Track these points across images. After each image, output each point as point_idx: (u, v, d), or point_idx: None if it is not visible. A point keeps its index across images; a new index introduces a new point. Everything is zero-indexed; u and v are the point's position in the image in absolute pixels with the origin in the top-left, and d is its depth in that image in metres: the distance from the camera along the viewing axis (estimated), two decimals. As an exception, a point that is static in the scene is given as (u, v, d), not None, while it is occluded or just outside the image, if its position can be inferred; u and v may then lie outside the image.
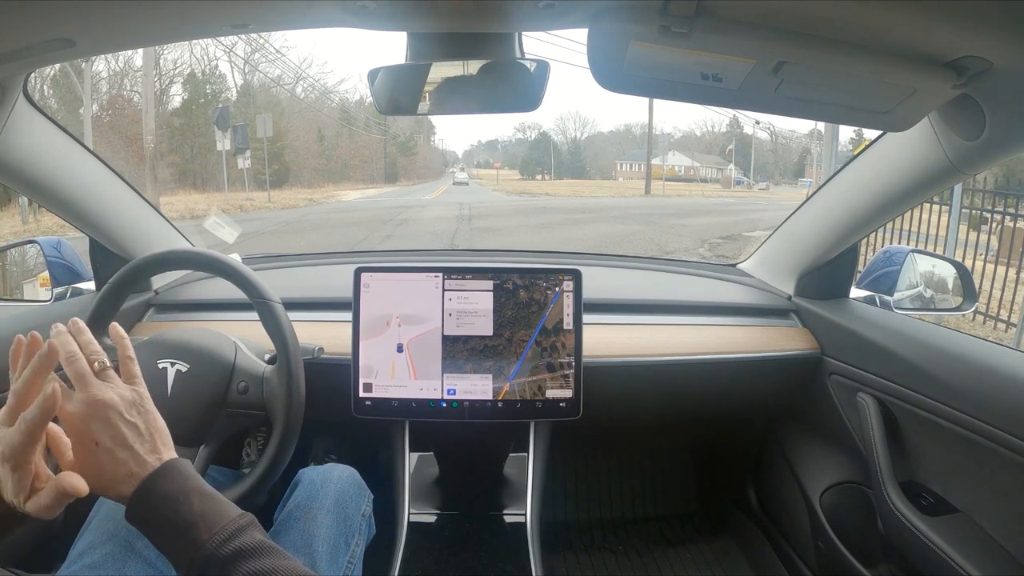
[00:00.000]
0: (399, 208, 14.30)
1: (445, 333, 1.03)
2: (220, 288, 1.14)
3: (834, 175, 1.11)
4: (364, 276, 1.03)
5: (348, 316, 1.03)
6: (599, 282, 1.27)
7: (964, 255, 4.51)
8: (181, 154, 22.01)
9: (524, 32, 0.73)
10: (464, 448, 1.15)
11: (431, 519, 1.06)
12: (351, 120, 31.70)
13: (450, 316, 1.03)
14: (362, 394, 1.03)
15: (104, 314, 0.90)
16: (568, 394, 1.03)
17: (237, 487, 0.84)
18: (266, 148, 17.76)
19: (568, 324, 1.03)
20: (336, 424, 1.39)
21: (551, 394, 1.02)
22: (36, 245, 1.17)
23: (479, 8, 0.63)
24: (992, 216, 5.08)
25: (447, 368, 1.02)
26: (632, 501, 1.65)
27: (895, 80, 0.63)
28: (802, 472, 1.27)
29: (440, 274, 1.04)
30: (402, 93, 0.79)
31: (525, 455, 1.09)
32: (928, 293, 1.21)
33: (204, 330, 0.94)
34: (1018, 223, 4.62)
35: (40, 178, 0.95)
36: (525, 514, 1.04)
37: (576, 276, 1.03)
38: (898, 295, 1.15)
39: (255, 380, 0.88)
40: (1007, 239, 4.79)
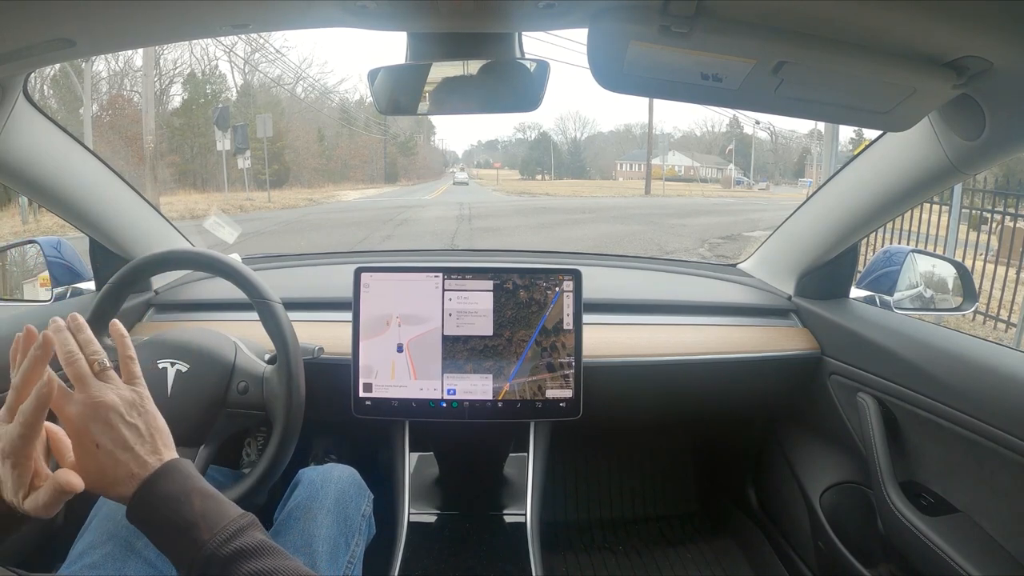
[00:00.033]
0: (399, 208, 14.30)
1: (445, 333, 1.03)
2: (220, 288, 1.14)
3: (834, 175, 1.11)
4: (364, 276, 1.03)
5: (348, 316, 1.03)
6: (599, 282, 1.27)
7: (964, 255, 4.51)
8: (181, 154, 22.01)
9: (524, 32, 0.74)
10: (464, 448, 1.15)
11: (431, 519, 1.06)
12: (351, 120, 31.72)
13: (450, 316, 1.03)
14: (362, 394, 1.03)
15: (104, 314, 0.90)
16: (568, 394, 1.03)
17: (237, 487, 0.84)
18: (266, 148, 17.77)
19: (568, 324, 1.03)
20: (336, 424, 1.39)
21: (551, 394, 1.02)
22: (36, 245, 1.17)
23: (479, 8, 0.63)
24: (992, 216, 5.08)
25: (447, 368, 1.03)
26: (632, 501, 1.65)
27: (895, 80, 0.63)
28: (802, 472, 1.27)
29: (440, 274, 1.04)
30: (402, 93, 0.79)
31: (525, 455, 1.08)
32: (928, 293, 1.21)
33: (204, 330, 0.94)
34: (1018, 223, 4.62)
35: (40, 178, 0.95)
36: (525, 514, 1.04)
37: (576, 276, 1.03)
38: (898, 295, 1.15)
39: (255, 380, 0.88)
40: (1007, 239, 4.79)
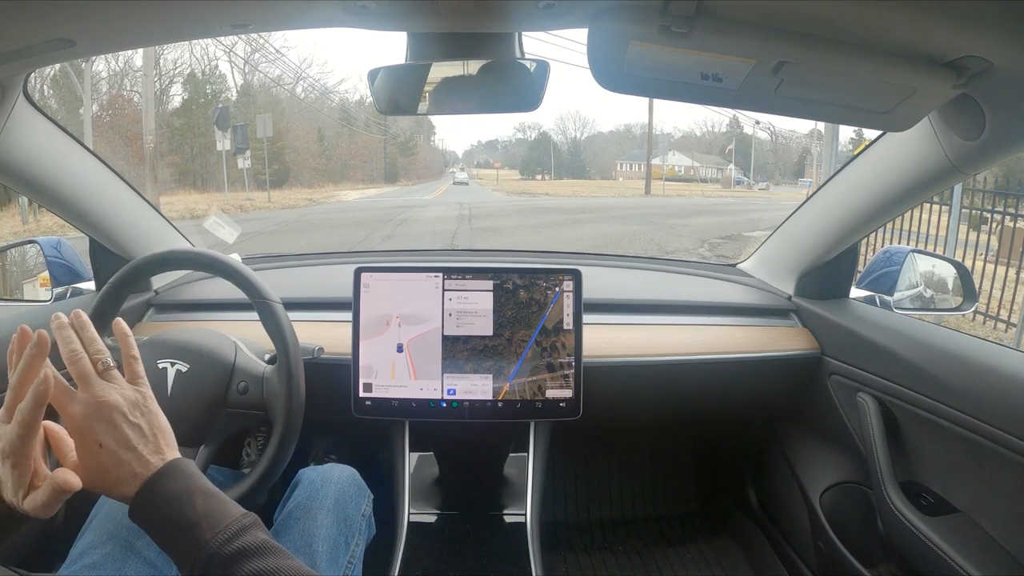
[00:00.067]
0: (399, 208, 14.30)
1: (445, 333, 1.03)
2: (220, 288, 1.14)
3: (834, 175, 1.11)
4: (364, 276, 1.03)
5: (348, 316, 1.03)
6: (599, 282, 1.27)
7: (964, 255, 4.51)
8: (181, 154, 22.01)
9: (524, 32, 0.74)
10: (464, 448, 1.15)
11: (431, 519, 1.06)
12: (351, 120, 31.71)
13: (450, 316, 1.03)
14: (362, 394, 1.03)
15: (104, 314, 0.90)
16: (568, 394, 1.03)
17: (237, 487, 0.84)
18: (266, 148, 17.76)
19: (568, 324, 1.03)
20: (336, 424, 1.39)
21: (551, 394, 1.02)
22: (36, 245, 1.17)
23: (479, 8, 0.63)
24: (992, 216, 5.08)
25: (447, 368, 1.03)
26: (632, 501, 1.65)
27: (895, 80, 0.63)
28: (802, 472, 1.27)
29: (440, 274, 1.04)
30: (402, 93, 0.79)
31: (525, 455, 1.08)
32: (928, 293, 1.21)
33: (204, 330, 0.94)
34: (1018, 223, 4.62)
35: (40, 178, 0.95)
36: (525, 514, 1.04)
37: (576, 276, 1.03)
38: (898, 295, 1.15)
39: (255, 380, 0.88)
40: (1007, 239, 4.79)
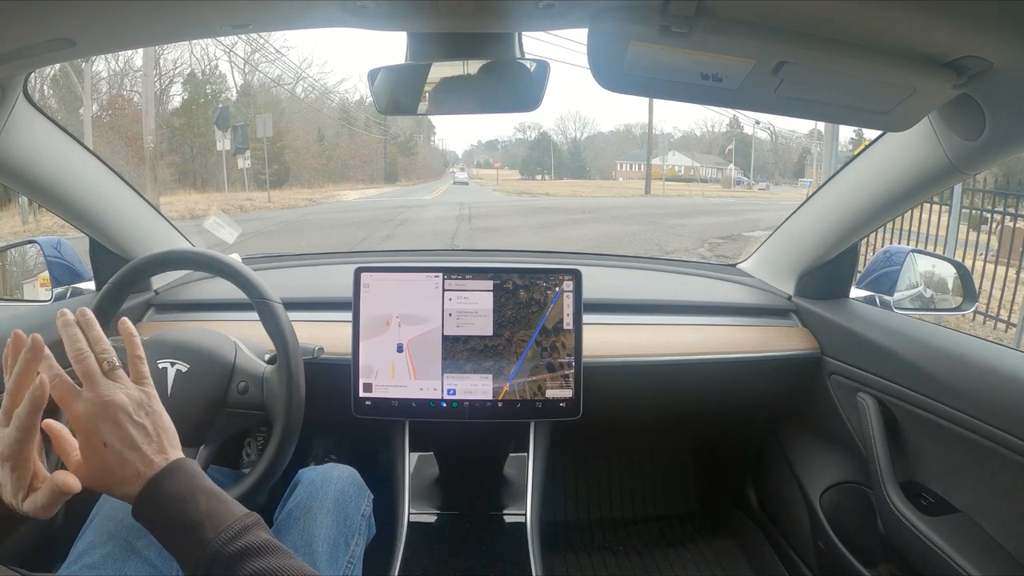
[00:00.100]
0: (399, 208, 14.30)
1: (445, 333, 1.03)
2: (220, 288, 1.14)
3: (834, 175, 1.11)
4: (364, 276, 1.03)
5: (348, 316, 1.03)
6: (599, 282, 1.27)
7: (964, 255, 4.51)
8: (181, 154, 22.01)
9: (524, 32, 0.74)
10: (464, 448, 1.15)
11: (431, 519, 1.06)
12: (351, 120, 31.71)
13: (450, 316, 1.03)
14: (362, 394, 1.03)
15: (104, 314, 0.90)
16: (568, 394, 1.03)
17: (237, 487, 0.84)
18: (266, 148, 17.76)
19: (568, 324, 1.03)
20: (336, 424, 1.39)
21: (551, 394, 1.02)
22: (36, 245, 1.17)
23: (479, 8, 0.63)
24: (992, 216, 5.08)
25: (447, 368, 1.03)
26: (632, 501, 1.65)
27: (895, 80, 0.63)
28: (802, 472, 1.27)
29: (440, 274, 1.04)
30: (402, 93, 0.79)
31: (525, 455, 1.08)
32: (928, 293, 1.21)
33: (204, 330, 0.94)
34: (1018, 223, 4.62)
35: (40, 178, 0.95)
36: (525, 514, 1.04)
37: (576, 276, 1.03)
38: (898, 295, 1.15)
39: (255, 380, 0.88)
40: (1007, 239, 4.79)
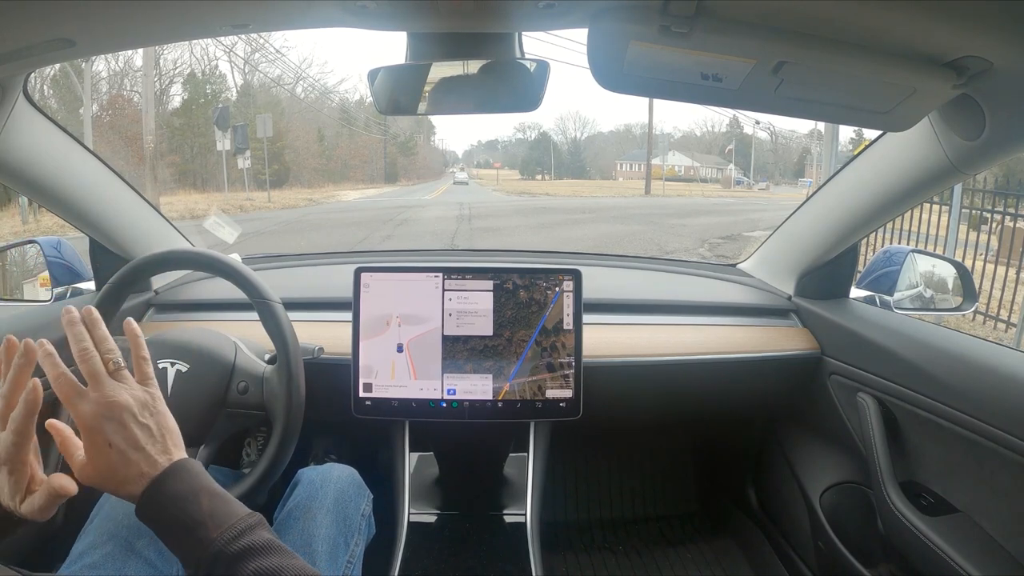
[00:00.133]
0: (399, 208, 14.30)
1: (445, 333, 1.03)
2: (220, 288, 1.14)
3: (834, 175, 1.11)
4: (364, 276, 1.03)
5: (348, 316, 1.03)
6: (599, 282, 1.27)
7: (964, 255, 4.51)
8: (181, 154, 22.01)
9: (524, 32, 0.73)
10: (464, 448, 1.15)
11: (431, 519, 1.06)
12: (351, 120, 31.72)
13: (450, 316, 1.03)
14: (362, 394, 1.03)
15: (104, 314, 0.89)
16: (568, 394, 1.03)
17: (237, 487, 0.84)
18: (266, 148, 17.76)
19: (568, 324, 1.03)
20: (336, 424, 1.39)
21: (551, 394, 1.02)
22: (36, 245, 1.17)
23: (479, 8, 0.63)
24: (992, 216, 5.08)
25: (447, 368, 1.03)
26: (632, 501, 1.65)
27: (895, 80, 0.63)
28: (802, 472, 1.27)
29: (440, 274, 1.04)
30: (402, 93, 0.79)
31: (525, 455, 1.08)
32: (928, 293, 1.21)
33: (204, 330, 0.94)
34: (1018, 223, 4.62)
35: (40, 178, 0.95)
36: (525, 514, 1.04)
37: (576, 276, 1.03)
38: (898, 295, 1.15)
39: (255, 380, 0.88)
40: (1007, 239, 4.79)
